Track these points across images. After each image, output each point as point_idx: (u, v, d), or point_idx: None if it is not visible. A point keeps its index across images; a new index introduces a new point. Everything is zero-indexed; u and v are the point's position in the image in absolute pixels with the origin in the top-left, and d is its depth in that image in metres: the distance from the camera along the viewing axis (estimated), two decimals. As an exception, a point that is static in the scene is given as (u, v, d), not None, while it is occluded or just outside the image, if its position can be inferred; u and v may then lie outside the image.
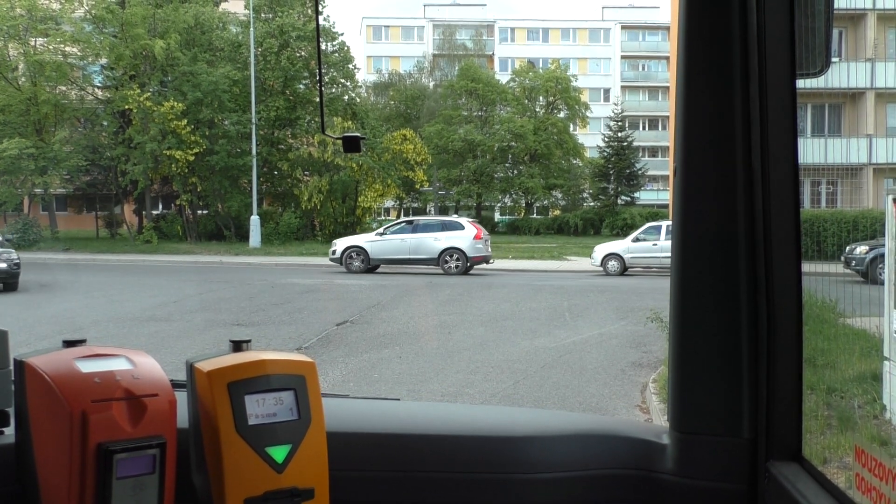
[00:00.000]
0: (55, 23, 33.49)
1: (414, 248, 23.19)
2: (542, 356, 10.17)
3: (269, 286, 18.72)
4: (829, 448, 4.12)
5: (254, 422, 1.32)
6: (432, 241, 23.24)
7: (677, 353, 1.47)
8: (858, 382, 5.10)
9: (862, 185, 14.60)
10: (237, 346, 1.41)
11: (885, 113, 16.74)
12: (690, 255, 1.44)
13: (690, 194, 1.43)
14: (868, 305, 7.20)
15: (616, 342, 11.23)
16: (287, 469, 1.33)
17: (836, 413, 4.87)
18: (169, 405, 1.30)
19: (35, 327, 11.64)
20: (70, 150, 33.69)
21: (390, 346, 10.75)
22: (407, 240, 23.37)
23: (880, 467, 1.19)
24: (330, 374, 8.83)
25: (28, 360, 1.30)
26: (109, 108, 34.28)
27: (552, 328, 12.57)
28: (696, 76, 1.42)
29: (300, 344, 10.73)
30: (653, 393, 7.69)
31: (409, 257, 23.23)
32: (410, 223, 24.70)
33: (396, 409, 1.78)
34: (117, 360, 1.31)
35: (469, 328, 12.53)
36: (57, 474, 1.24)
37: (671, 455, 1.49)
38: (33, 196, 34.57)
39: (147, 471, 1.25)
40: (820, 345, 6.54)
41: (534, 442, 1.56)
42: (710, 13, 1.40)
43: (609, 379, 8.94)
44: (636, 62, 69.43)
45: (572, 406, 7.72)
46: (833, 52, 1.53)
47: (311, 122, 36.03)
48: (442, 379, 8.88)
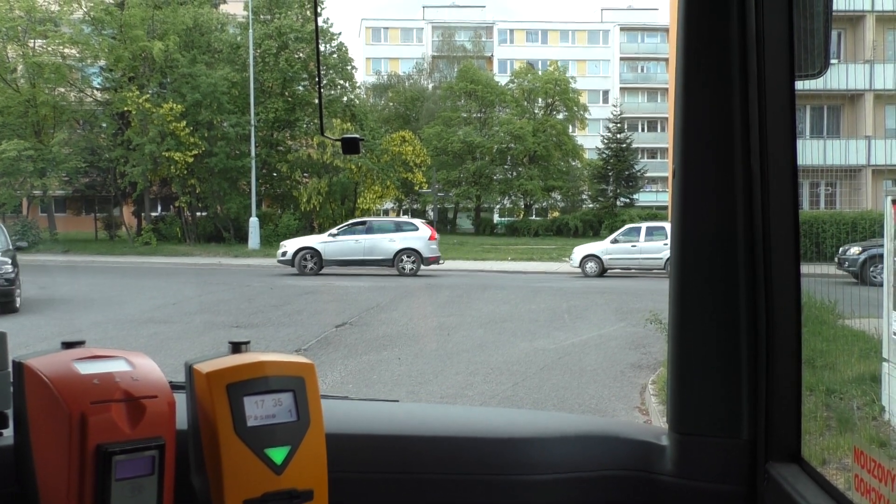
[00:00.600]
0: (54, 24, 33.50)
1: (369, 249, 23.11)
2: (542, 358, 10.17)
3: (269, 288, 18.72)
4: (829, 449, 4.12)
5: (253, 423, 1.31)
6: (387, 241, 23.18)
7: (676, 355, 1.46)
8: (857, 384, 5.10)
9: (861, 187, 14.62)
10: (236, 348, 1.41)
11: (883, 114, 16.73)
12: (690, 256, 1.44)
13: (689, 196, 1.43)
14: (867, 307, 7.20)
15: (615, 344, 11.23)
16: (286, 470, 1.32)
17: (835, 414, 4.87)
18: (168, 407, 1.30)
19: (34, 329, 11.64)
20: (69, 152, 33.68)
21: (389, 348, 10.75)
22: (361, 241, 23.26)
23: (879, 468, 1.18)
24: (329, 375, 8.83)
25: (27, 362, 1.29)
26: (108, 110, 34.28)
27: (551, 330, 12.57)
28: (695, 78, 1.42)
29: (299, 346, 10.72)
30: (652, 394, 7.70)
31: (364, 258, 23.14)
32: (363, 224, 24.59)
33: (395, 411, 1.77)
34: (116, 362, 1.31)
35: (468, 330, 12.53)
36: (56, 476, 1.24)
37: (670, 456, 1.49)
38: (32, 198, 34.56)
39: (146, 472, 1.25)
40: (819, 346, 6.54)
41: (533, 443, 1.55)
42: (709, 15, 1.40)
43: (608, 380, 8.94)
44: (635, 64, 69.41)
45: (571, 408, 7.72)
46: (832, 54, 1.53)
47: (309, 123, 36.04)
48: (441, 381, 8.88)
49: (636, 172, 51.35)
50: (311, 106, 35.60)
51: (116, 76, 34.16)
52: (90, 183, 36.91)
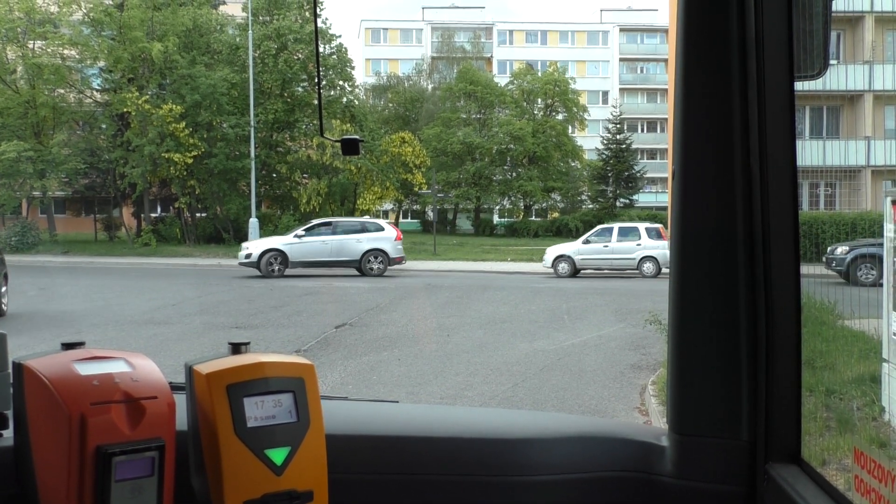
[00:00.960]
0: (53, 26, 33.51)
1: (336, 250, 22.98)
2: (541, 359, 10.17)
3: (269, 289, 18.71)
4: (829, 450, 4.12)
5: (253, 424, 1.31)
6: (354, 242, 23.09)
7: (676, 355, 1.46)
8: (857, 384, 5.09)
9: (860, 188, 14.61)
10: (236, 349, 1.40)
11: (882, 115, 16.73)
12: (689, 256, 1.44)
13: (689, 197, 1.43)
14: (860, 307, 7.19)
15: (615, 344, 11.23)
16: (286, 471, 1.32)
17: (835, 415, 4.87)
18: (168, 408, 1.30)
19: (33, 330, 11.63)
20: (68, 153, 33.69)
21: (389, 349, 10.75)
22: (328, 242, 23.13)
23: (879, 469, 1.19)
24: (328, 376, 8.82)
25: (27, 363, 1.29)
26: (108, 111, 34.27)
27: (551, 330, 12.57)
28: (695, 79, 1.42)
29: (299, 347, 10.72)
30: (652, 395, 7.69)
31: (331, 259, 23.00)
32: (329, 224, 24.41)
33: (395, 412, 1.77)
34: (116, 363, 1.31)
35: (468, 331, 12.52)
36: (56, 477, 1.24)
37: (670, 457, 1.49)
38: (32, 199, 34.58)
39: (146, 473, 1.25)
40: (819, 346, 6.53)
41: (533, 444, 1.55)
42: (708, 16, 1.40)
43: (608, 381, 8.93)
44: (634, 65, 69.42)
45: (571, 409, 7.72)
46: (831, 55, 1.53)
47: (309, 124, 36.02)
48: (441, 382, 8.87)
49: (636, 173, 51.34)
50: (311, 107, 35.59)
51: (116, 77, 34.15)
52: (90, 184, 36.89)
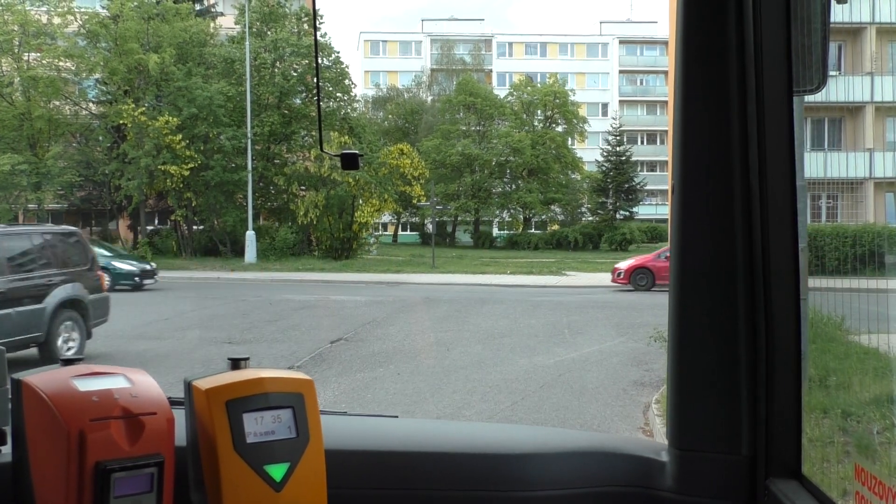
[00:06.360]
0: (49, 38, 33.36)
1: None
2: (541, 375, 9.92)
3: (267, 303, 18.45)
4: (849, 479, 3.85)
5: (252, 440, 1.31)
6: None
7: (676, 370, 1.47)
8: (876, 405, 4.82)
9: (863, 200, 14.49)
10: (235, 364, 1.41)
11: (884, 127, 16.68)
12: (689, 271, 1.44)
13: (688, 211, 1.44)
14: (871, 321, 6.97)
15: (617, 360, 10.99)
16: (286, 487, 1.32)
17: (853, 439, 4.61)
18: (167, 424, 1.31)
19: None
20: (64, 166, 33.49)
21: (385, 365, 10.49)
22: None
23: (880, 486, 1.19)
24: (322, 394, 8.54)
25: (25, 379, 1.30)
26: (104, 123, 34.12)
27: (551, 345, 12.32)
28: (694, 92, 1.43)
29: (292, 363, 10.47)
30: (656, 414, 7.45)
31: None
32: None
33: (395, 427, 1.77)
34: (115, 379, 1.31)
35: (466, 345, 12.28)
36: (54, 493, 1.24)
37: (670, 472, 1.49)
38: (27, 212, 34.37)
39: (145, 489, 1.26)
40: (831, 364, 6.30)
41: (533, 459, 1.56)
42: (707, 29, 1.41)
43: (610, 399, 8.69)
44: (634, 77, 69.47)
45: (573, 428, 7.46)
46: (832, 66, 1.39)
47: (306, 136, 35.84)
48: (438, 399, 8.63)
49: (636, 185, 51.34)
50: (308, 119, 35.46)
51: (112, 89, 34.02)
52: (86, 196, 36.71)
